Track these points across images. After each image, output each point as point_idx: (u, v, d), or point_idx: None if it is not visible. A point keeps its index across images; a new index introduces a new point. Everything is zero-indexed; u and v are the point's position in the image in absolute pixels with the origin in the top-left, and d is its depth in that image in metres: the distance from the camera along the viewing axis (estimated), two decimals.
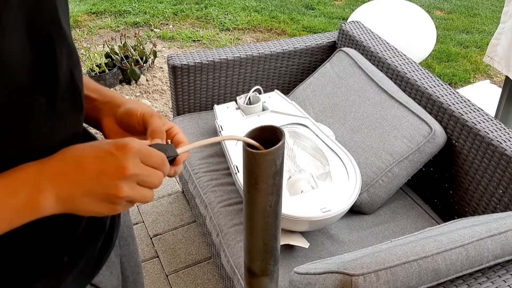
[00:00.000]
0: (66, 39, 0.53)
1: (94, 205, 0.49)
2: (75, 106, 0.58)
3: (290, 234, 1.36)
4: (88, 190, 0.48)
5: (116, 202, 0.49)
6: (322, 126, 1.63)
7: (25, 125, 0.49)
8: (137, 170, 0.49)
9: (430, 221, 1.51)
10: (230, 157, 1.50)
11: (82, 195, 0.48)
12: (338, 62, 1.84)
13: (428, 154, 1.50)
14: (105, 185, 0.48)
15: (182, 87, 1.88)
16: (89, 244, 0.62)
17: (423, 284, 0.93)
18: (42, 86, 0.50)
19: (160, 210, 2.09)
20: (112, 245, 0.72)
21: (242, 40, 3.62)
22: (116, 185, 0.48)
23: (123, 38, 2.95)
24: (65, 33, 0.53)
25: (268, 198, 0.54)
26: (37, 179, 0.47)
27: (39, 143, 0.52)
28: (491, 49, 1.85)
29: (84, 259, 0.65)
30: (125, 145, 0.49)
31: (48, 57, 0.50)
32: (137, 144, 0.50)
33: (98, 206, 0.49)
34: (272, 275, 0.64)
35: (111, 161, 0.48)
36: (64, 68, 0.53)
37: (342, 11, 4.13)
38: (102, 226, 0.69)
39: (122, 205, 0.50)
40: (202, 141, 0.55)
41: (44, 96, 0.51)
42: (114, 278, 0.74)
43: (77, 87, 0.57)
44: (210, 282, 1.79)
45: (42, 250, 0.58)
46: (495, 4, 4.39)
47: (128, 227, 0.85)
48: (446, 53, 3.52)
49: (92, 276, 0.68)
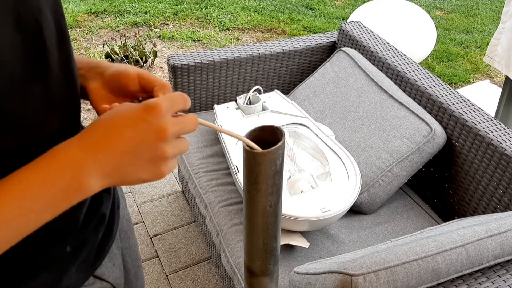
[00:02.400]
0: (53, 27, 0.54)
1: (140, 172, 0.48)
2: (71, 93, 0.58)
3: (290, 234, 1.36)
4: (131, 159, 0.47)
5: (161, 164, 0.49)
6: (322, 126, 1.63)
7: (19, 114, 0.49)
8: (175, 128, 0.48)
9: (430, 221, 1.51)
10: (230, 157, 1.50)
11: (126, 165, 0.47)
12: (338, 62, 1.84)
13: (428, 154, 1.50)
14: (148, 151, 0.47)
15: (182, 87, 1.88)
16: (91, 234, 0.62)
17: (423, 284, 0.93)
18: (34, 75, 0.50)
19: (160, 210, 2.09)
20: (113, 236, 0.73)
21: (242, 40, 3.62)
22: (159, 148, 0.47)
23: (123, 38, 2.95)
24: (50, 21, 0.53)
25: (268, 198, 0.54)
26: (78, 158, 0.46)
27: (34, 131, 0.52)
28: (491, 49, 1.85)
29: (86, 249, 0.65)
30: (155, 107, 0.47)
31: (38, 46, 0.50)
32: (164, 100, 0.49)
33: (144, 173, 0.49)
34: (272, 275, 0.64)
35: (147, 128, 0.47)
36: (56, 56, 0.54)
37: (342, 11, 4.13)
38: (102, 217, 0.69)
39: (167, 165, 0.50)
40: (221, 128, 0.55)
41: (38, 85, 0.51)
42: (116, 270, 0.74)
43: (71, 75, 0.58)
44: (210, 282, 1.79)
45: (45, 241, 0.58)
46: (495, 4, 4.39)
47: (127, 220, 0.86)
48: (446, 53, 3.52)
49: (94, 267, 0.68)
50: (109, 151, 0.47)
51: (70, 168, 0.46)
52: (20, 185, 0.45)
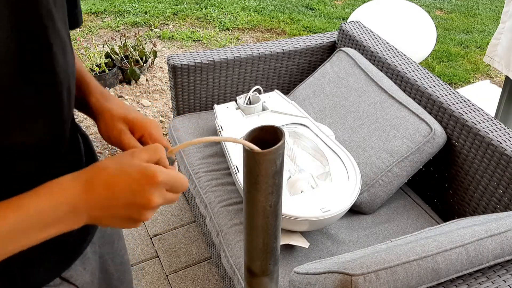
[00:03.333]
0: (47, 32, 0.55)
1: (119, 224, 0.55)
2: (59, 98, 0.59)
3: (290, 234, 1.36)
4: (116, 214, 0.54)
5: (138, 223, 0.56)
6: (322, 126, 1.62)
7: (10, 115, 0.52)
8: (161, 201, 0.54)
9: (430, 221, 1.51)
10: (230, 157, 1.50)
11: (110, 217, 0.54)
12: (338, 62, 1.84)
13: (428, 154, 1.50)
14: (133, 212, 0.53)
15: (182, 87, 1.88)
16: (61, 236, 0.63)
17: (423, 284, 0.93)
18: (27, 78, 0.52)
19: (160, 210, 2.09)
20: (87, 240, 0.75)
21: (242, 40, 3.62)
22: (142, 213, 0.54)
23: (123, 38, 2.95)
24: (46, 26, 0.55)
25: (268, 198, 0.54)
26: (76, 202, 0.52)
27: (25, 134, 0.55)
28: (491, 49, 1.85)
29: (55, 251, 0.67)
30: (153, 178, 0.52)
31: (33, 50, 0.52)
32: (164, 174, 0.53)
33: (121, 225, 0.55)
34: (272, 275, 0.64)
35: (142, 195, 0.52)
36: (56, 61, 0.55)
37: (342, 11, 4.13)
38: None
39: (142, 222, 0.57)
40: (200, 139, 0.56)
41: (29, 88, 0.53)
42: (87, 274, 0.76)
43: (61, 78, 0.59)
44: (210, 282, 1.79)
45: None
46: (495, 4, 4.39)
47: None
48: (446, 53, 3.52)
49: (62, 269, 0.70)
50: (100, 204, 0.53)
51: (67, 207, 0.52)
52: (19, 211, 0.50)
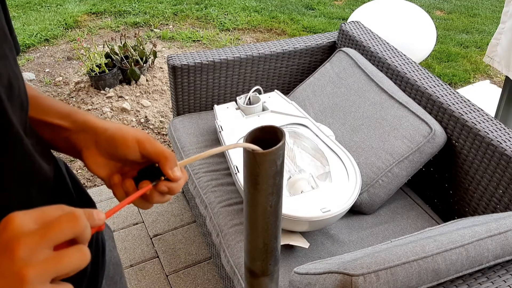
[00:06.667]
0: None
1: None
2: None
3: (290, 234, 1.36)
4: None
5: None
6: (322, 126, 1.62)
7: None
8: (40, 268, 0.37)
9: (430, 221, 1.51)
10: (230, 157, 1.50)
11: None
12: (338, 62, 1.84)
13: (428, 154, 1.50)
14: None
15: (182, 87, 1.88)
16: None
17: (423, 284, 0.93)
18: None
19: (160, 210, 2.09)
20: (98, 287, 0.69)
21: (242, 40, 3.62)
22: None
23: (123, 38, 2.95)
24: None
25: (268, 198, 0.54)
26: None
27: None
28: (491, 49, 1.85)
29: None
30: (9, 242, 0.37)
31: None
32: (26, 227, 0.38)
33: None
34: (272, 275, 0.64)
35: (5, 274, 0.36)
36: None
37: (342, 11, 4.13)
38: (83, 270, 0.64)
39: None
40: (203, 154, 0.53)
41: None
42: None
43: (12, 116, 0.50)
44: (210, 282, 1.79)
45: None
46: (495, 4, 4.39)
47: (114, 264, 0.80)
48: (446, 53, 3.52)
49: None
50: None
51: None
52: None
